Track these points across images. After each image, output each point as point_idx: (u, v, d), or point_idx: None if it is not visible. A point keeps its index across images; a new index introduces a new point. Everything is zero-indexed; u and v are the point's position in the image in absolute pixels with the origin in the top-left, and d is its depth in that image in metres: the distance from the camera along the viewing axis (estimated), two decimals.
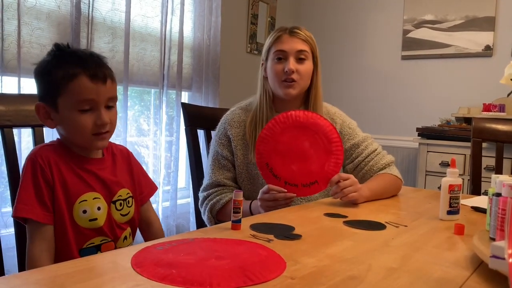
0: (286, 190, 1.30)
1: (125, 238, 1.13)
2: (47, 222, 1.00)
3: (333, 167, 1.33)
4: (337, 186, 1.29)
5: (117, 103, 1.12)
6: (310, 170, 1.32)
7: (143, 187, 1.22)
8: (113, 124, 1.08)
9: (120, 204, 1.12)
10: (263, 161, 1.33)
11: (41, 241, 1.00)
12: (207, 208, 1.49)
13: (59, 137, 1.10)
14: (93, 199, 1.06)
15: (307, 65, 1.46)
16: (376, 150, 1.54)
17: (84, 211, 1.04)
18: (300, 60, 1.45)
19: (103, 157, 1.13)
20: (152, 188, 1.25)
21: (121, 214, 1.11)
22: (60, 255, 1.01)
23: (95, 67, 1.02)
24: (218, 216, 1.49)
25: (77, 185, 1.05)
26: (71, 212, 1.03)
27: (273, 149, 1.33)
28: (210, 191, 1.50)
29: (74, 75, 1.00)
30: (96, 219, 1.05)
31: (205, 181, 1.54)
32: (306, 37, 1.47)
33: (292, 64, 1.42)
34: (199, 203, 1.55)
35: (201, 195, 1.54)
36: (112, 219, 1.09)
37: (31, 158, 1.02)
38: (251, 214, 1.38)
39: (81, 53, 1.05)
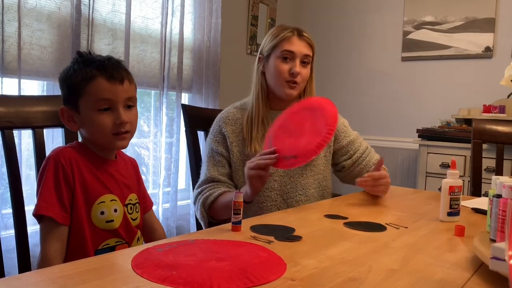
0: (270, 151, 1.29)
1: (138, 239, 1.15)
2: (63, 222, 1.02)
3: (315, 147, 1.28)
4: (375, 180, 1.36)
5: None
6: (296, 146, 1.31)
7: (146, 197, 1.26)
8: (133, 125, 1.10)
9: (131, 208, 1.14)
10: (271, 131, 1.38)
11: (56, 241, 1.01)
12: (199, 203, 1.48)
13: (62, 139, 1.11)
14: (111, 201, 1.08)
15: (308, 69, 1.52)
16: (367, 147, 1.65)
17: (102, 213, 1.06)
18: (303, 63, 1.49)
19: (116, 159, 1.16)
20: (150, 202, 1.28)
21: (131, 218, 1.13)
22: (77, 255, 1.01)
23: (112, 69, 1.06)
24: (210, 212, 1.46)
25: (96, 186, 1.06)
26: (89, 213, 1.05)
27: (281, 123, 1.38)
28: (204, 186, 1.50)
29: (92, 77, 1.05)
30: (112, 220, 1.07)
31: (201, 179, 1.53)
32: (311, 41, 1.51)
33: (298, 67, 1.47)
34: (193, 201, 1.54)
35: (195, 192, 1.53)
36: (127, 221, 1.11)
37: (54, 158, 1.03)
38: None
39: (99, 57, 1.09)
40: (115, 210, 1.08)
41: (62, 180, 1.01)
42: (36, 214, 1.01)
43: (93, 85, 1.04)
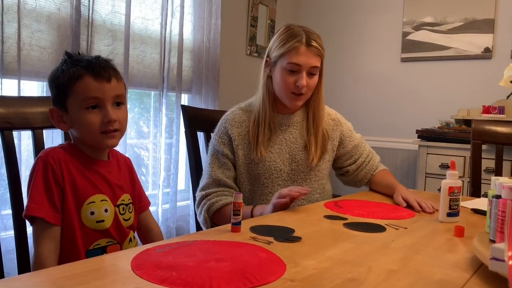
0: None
1: (130, 240, 1.14)
2: (56, 223, 1.01)
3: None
4: (422, 208, 1.34)
5: None
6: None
7: (142, 197, 1.25)
8: (122, 123, 1.10)
9: (123, 209, 1.13)
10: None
11: (49, 241, 1.01)
12: (204, 208, 1.43)
13: (62, 140, 1.12)
14: (101, 201, 1.07)
15: (316, 79, 1.47)
16: (370, 150, 1.67)
17: (92, 213, 1.05)
18: (311, 74, 1.45)
19: (109, 160, 1.15)
20: (147, 202, 1.27)
21: (123, 219, 1.12)
22: (68, 256, 1.02)
23: (99, 68, 1.06)
24: (214, 218, 1.44)
25: (86, 186, 1.06)
26: (79, 213, 1.04)
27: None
28: (210, 190, 1.45)
29: (79, 76, 1.05)
30: (103, 220, 1.07)
31: (204, 180, 1.48)
32: (321, 50, 1.45)
33: (304, 79, 1.42)
34: (196, 203, 1.49)
35: (199, 194, 1.48)
36: (119, 221, 1.10)
37: (42, 158, 1.03)
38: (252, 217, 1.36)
39: (87, 57, 1.09)
40: (106, 210, 1.07)
41: (52, 181, 1.01)
42: (27, 215, 1.01)
43: (80, 84, 1.04)
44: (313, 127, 1.51)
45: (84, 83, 1.04)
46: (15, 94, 1.98)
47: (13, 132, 1.21)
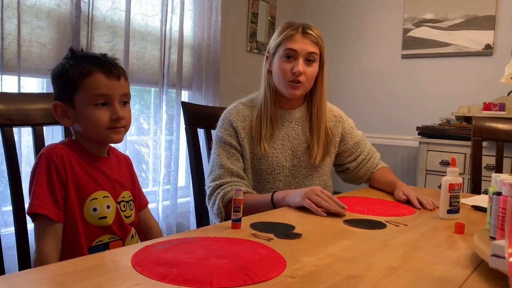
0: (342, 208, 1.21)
1: (132, 236, 1.15)
2: (58, 220, 1.02)
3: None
4: (422, 205, 1.33)
5: None
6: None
7: (141, 195, 1.25)
8: (127, 120, 1.11)
9: (124, 206, 1.13)
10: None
11: (51, 238, 1.01)
12: (218, 197, 1.38)
13: (62, 137, 1.13)
14: (103, 197, 1.08)
15: (314, 67, 1.47)
16: (370, 147, 1.66)
17: (95, 209, 1.06)
18: (308, 61, 1.45)
19: (109, 156, 1.15)
20: (146, 200, 1.28)
21: (124, 216, 1.12)
22: (71, 252, 1.02)
23: (109, 65, 1.07)
24: (228, 208, 1.36)
25: (88, 183, 1.06)
26: (82, 209, 1.05)
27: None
28: (224, 180, 1.41)
29: (90, 72, 1.05)
30: (105, 217, 1.07)
31: (216, 171, 1.44)
32: (317, 38, 1.46)
33: (301, 65, 1.42)
34: (208, 195, 1.44)
35: (211, 185, 1.42)
36: (120, 218, 1.11)
37: (45, 155, 1.03)
38: (273, 205, 1.30)
39: (95, 54, 1.10)
40: (108, 207, 1.08)
41: (55, 177, 1.01)
42: (30, 212, 1.01)
43: (91, 80, 1.05)
44: (316, 124, 1.51)
45: (95, 79, 1.05)
46: (15, 90, 1.98)
47: (13, 129, 1.21)
